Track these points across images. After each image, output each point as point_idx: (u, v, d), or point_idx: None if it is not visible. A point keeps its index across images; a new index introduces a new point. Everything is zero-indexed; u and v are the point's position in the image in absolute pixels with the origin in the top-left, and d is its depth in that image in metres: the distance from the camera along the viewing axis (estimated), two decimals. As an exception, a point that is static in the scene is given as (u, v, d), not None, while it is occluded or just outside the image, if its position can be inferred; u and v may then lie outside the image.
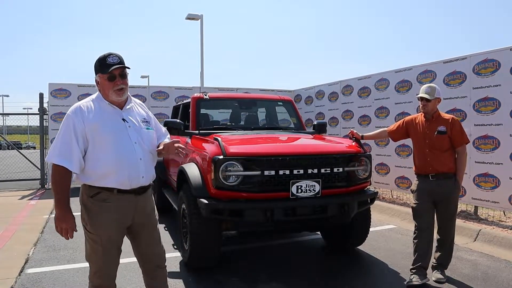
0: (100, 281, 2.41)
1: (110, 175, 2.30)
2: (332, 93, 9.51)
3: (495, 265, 4.16)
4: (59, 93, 9.50)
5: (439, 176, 3.62)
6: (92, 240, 2.36)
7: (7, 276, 3.80)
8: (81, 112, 2.30)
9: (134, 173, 2.35)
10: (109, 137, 2.31)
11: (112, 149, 2.30)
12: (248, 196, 3.57)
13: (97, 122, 2.30)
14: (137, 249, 2.56)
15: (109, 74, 2.31)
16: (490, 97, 5.64)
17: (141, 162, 2.39)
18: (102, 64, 2.32)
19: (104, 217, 2.33)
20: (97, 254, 2.37)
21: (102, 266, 2.39)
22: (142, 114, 2.55)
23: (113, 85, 2.33)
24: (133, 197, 2.40)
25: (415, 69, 7.03)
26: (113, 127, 2.34)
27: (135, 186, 2.38)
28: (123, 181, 2.32)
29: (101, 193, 2.32)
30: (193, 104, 5.20)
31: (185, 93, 10.31)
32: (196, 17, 13.62)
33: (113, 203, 2.33)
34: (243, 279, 3.76)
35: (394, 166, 7.46)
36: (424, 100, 3.63)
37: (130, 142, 2.36)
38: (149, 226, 2.54)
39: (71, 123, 2.27)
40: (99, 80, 2.38)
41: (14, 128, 41.96)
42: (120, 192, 2.34)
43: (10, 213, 6.61)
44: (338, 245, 4.69)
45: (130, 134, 2.38)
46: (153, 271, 2.59)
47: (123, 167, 2.31)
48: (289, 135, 4.69)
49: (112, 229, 2.36)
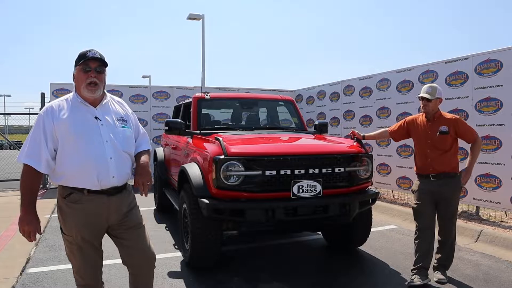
0: (81, 280, 2.41)
1: (79, 175, 2.25)
2: (333, 93, 9.50)
3: (497, 266, 4.15)
4: (61, 93, 9.50)
5: (440, 176, 3.61)
6: (67, 241, 2.36)
7: (9, 275, 3.81)
8: (52, 111, 2.27)
9: (103, 173, 2.27)
10: (78, 136, 2.25)
11: (80, 148, 2.24)
12: (249, 196, 3.57)
13: (67, 121, 2.25)
14: (122, 251, 2.47)
15: (84, 65, 2.27)
16: (492, 97, 5.63)
17: (112, 162, 2.30)
18: (81, 57, 2.28)
19: (75, 218, 2.29)
20: (74, 254, 2.36)
21: (81, 266, 2.38)
22: (119, 112, 2.47)
23: (87, 77, 2.27)
24: (105, 198, 2.31)
25: (417, 69, 7.02)
26: (83, 125, 2.28)
27: (106, 187, 2.30)
28: (92, 181, 2.25)
29: (73, 194, 2.28)
30: (194, 104, 5.20)
31: (186, 93, 10.31)
32: (197, 17, 13.62)
33: (84, 204, 2.28)
34: (244, 278, 3.75)
35: (396, 166, 7.45)
36: (425, 100, 3.62)
37: (101, 141, 2.29)
38: (129, 227, 2.42)
39: (41, 123, 2.25)
40: (75, 73, 2.32)
41: (15, 128, 42.03)
42: (91, 193, 2.28)
43: (11, 213, 6.61)
44: (339, 245, 4.69)
45: (102, 132, 2.31)
46: (138, 273, 2.53)
47: (91, 167, 2.24)
48: (290, 135, 4.69)
49: (84, 230, 2.31)
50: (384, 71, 7.88)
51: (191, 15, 13.54)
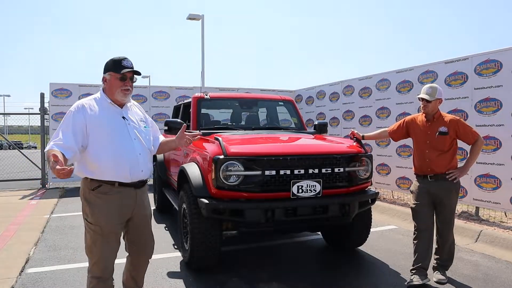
0: (99, 272, 2.50)
1: (113, 168, 2.44)
2: (333, 93, 9.51)
3: (496, 266, 4.15)
4: (60, 93, 9.51)
5: (438, 177, 3.61)
6: (93, 231, 2.46)
7: (8, 275, 3.81)
8: (83, 108, 2.45)
9: (134, 167, 2.50)
10: (109, 133, 2.45)
11: (115, 144, 2.45)
12: (248, 196, 3.56)
13: (100, 118, 2.45)
14: (131, 239, 2.67)
15: (122, 75, 2.51)
16: (492, 97, 5.63)
17: (140, 157, 2.54)
18: (117, 65, 2.51)
19: (105, 208, 2.45)
20: (97, 244, 2.47)
21: (101, 257, 2.49)
22: (140, 114, 2.75)
23: (122, 85, 2.52)
24: (133, 190, 2.55)
25: (416, 70, 7.02)
26: (113, 124, 2.50)
27: (135, 180, 2.54)
28: (125, 175, 2.47)
29: (102, 186, 2.45)
30: (194, 104, 5.20)
31: (186, 93, 10.32)
32: (197, 17, 13.62)
33: (114, 196, 2.47)
34: (244, 279, 3.75)
35: (395, 167, 7.45)
36: (425, 100, 3.62)
37: (130, 138, 2.52)
38: (145, 218, 2.70)
39: (71, 118, 2.41)
40: (109, 78, 2.53)
41: (15, 128, 42.02)
42: (121, 186, 2.48)
43: (11, 213, 6.61)
44: (338, 245, 4.69)
45: (129, 130, 2.54)
46: (140, 262, 2.77)
47: (124, 161, 2.46)
48: (290, 135, 4.69)
49: (113, 220, 2.48)
50: (383, 72, 7.89)
51: (191, 15, 13.54)
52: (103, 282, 2.51)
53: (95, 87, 9.51)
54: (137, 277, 2.83)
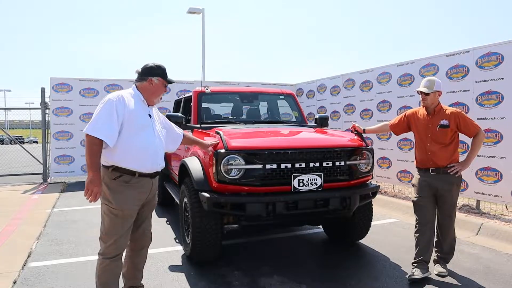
0: (114, 251, 2.77)
1: (139, 159, 2.73)
2: (334, 87, 9.48)
3: (497, 259, 4.16)
4: (61, 88, 9.48)
5: (439, 171, 3.61)
6: (114, 215, 2.72)
7: (10, 269, 3.82)
8: (123, 100, 2.71)
9: (155, 160, 2.83)
10: (140, 127, 2.75)
11: (144, 137, 2.76)
12: (250, 189, 3.57)
13: (134, 113, 2.73)
14: (136, 223, 2.92)
15: (167, 84, 2.93)
16: (493, 90, 5.61)
17: (160, 152, 2.88)
18: (164, 74, 2.91)
19: (127, 194, 2.73)
20: (116, 227, 2.74)
21: (118, 238, 2.75)
22: (159, 115, 3.11)
23: (163, 92, 2.94)
24: (149, 180, 2.87)
25: (418, 63, 6.99)
26: (143, 119, 2.80)
27: (153, 171, 2.85)
28: (146, 166, 2.78)
29: (123, 176, 2.72)
30: (194, 98, 5.19)
31: (186, 87, 10.28)
32: (197, 11, 13.56)
33: (134, 184, 2.76)
34: (245, 272, 3.77)
35: (396, 160, 7.45)
36: (423, 93, 3.62)
37: (154, 135, 2.84)
38: (152, 204, 3.03)
39: (113, 105, 2.64)
40: (157, 82, 2.86)
41: (16, 122, 42.07)
42: (140, 176, 2.77)
43: (12, 207, 6.64)
44: (339, 238, 4.70)
45: (154, 128, 2.87)
46: (140, 248, 3.02)
47: (147, 155, 2.77)
48: (291, 128, 4.68)
49: (133, 204, 2.77)
50: (384, 65, 7.86)
51: (191, 9, 13.48)
52: (114, 262, 2.78)
53: (95, 81, 9.46)
54: (139, 265, 3.07)
